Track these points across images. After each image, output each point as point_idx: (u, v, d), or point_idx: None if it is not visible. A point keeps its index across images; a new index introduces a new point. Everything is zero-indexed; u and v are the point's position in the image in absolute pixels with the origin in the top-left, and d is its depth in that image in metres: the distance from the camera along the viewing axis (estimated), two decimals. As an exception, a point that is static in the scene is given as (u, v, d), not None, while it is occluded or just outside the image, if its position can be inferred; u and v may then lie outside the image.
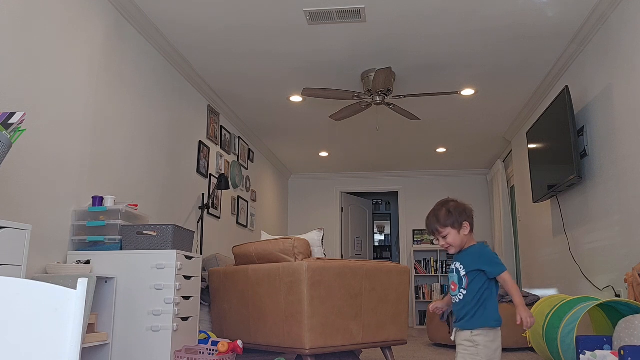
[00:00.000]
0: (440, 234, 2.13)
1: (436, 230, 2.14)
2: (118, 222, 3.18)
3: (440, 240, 2.15)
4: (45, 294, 0.85)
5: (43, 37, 2.94)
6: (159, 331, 2.98)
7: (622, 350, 2.49)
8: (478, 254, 2.12)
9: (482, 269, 2.06)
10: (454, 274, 2.15)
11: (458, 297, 2.10)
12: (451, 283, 2.16)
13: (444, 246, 2.16)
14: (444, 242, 2.14)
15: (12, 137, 2.15)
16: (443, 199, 2.22)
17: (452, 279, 2.16)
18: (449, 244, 2.12)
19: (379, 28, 4.15)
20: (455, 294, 2.11)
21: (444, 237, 2.13)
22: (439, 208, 2.17)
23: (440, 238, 2.14)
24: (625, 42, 3.59)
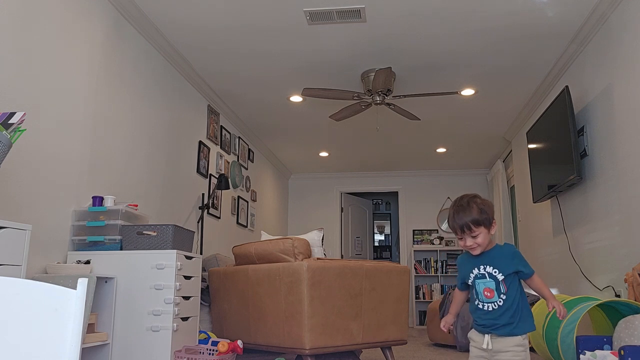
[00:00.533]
0: (472, 233, 1.93)
1: (468, 228, 1.92)
2: (118, 222, 3.18)
3: (468, 240, 1.94)
4: (45, 294, 0.85)
5: (43, 37, 2.94)
6: (159, 331, 2.98)
7: (622, 350, 2.49)
8: (512, 254, 1.97)
9: (520, 269, 1.94)
10: (489, 280, 1.95)
11: (496, 303, 1.93)
12: (485, 290, 1.95)
13: (471, 247, 1.95)
14: (473, 242, 1.93)
15: (12, 137, 2.15)
16: (466, 195, 2.02)
17: (488, 286, 1.96)
18: (478, 244, 1.93)
19: (379, 28, 4.15)
20: (493, 300, 1.94)
21: (474, 236, 1.93)
22: (468, 204, 1.96)
23: (469, 238, 1.94)
24: (625, 42, 3.59)
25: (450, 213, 1.99)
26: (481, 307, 1.97)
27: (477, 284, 1.97)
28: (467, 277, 2.02)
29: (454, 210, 1.98)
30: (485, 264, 1.97)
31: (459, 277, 2.09)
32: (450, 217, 1.98)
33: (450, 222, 1.99)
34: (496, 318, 1.93)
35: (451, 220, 1.98)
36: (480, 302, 1.97)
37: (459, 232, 1.95)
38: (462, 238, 1.96)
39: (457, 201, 2.00)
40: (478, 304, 1.98)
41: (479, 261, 1.98)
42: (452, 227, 1.99)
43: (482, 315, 1.97)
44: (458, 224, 1.95)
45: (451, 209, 1.99)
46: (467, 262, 2.02)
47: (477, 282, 1.97)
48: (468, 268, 2.01)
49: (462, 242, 1.97)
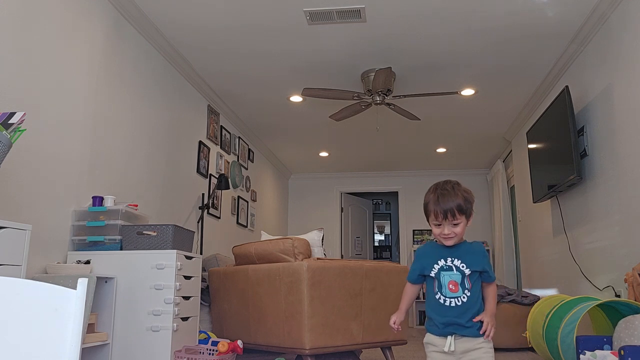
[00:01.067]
0: (454, 220, 1.83)
1: (452, 215, 1.82)
2: (118, 222, 3.18)
3: (446, 228, 1.84)
4: (45, 294, 0.85)
5: (43, 37, 2.94)
6: (159, 331, 2.98)
7: (622, 350, 2.49)
8: (482, 253, 1.92)
9: (486, 269, 1.88)
10: (456, 273, 1.86)
11: (460, 299, 1.83)
12: (450, 283, 1.86)
13: (447, 235, 1.84)
14: (451, 231, 1.84)
15: (12, 137, 2.15)
16: (450, 180, 1.92)
17: (453, 278, 1.86)
18: (456, 233, 1.85)
19: (379, 28, 4.15)
20: (457, 295, 1.84)
21: (455, 224, 1.84)
22: (454, 189, 1.86)
23: (449, 225, 1.83)
24: (625, 42, 3.59)
25: (432, 197, 1.87)
26: (442, 302, 1.85)
27: (442, 276, 1.86)
28: (428, 268, 1.90)
29: (439, 194, 1.86)
30: (454, 257, 1.88)
31: (416, 268, 1.95)
32: (433, 201, 1.85)
33: (433, 206, 1.85)
34: (458, 316, 1.83)
35: (434, 203, 1.85)
36: (443, 296, 1.85)
37: (440, 217, 1.83)
38: (439, 225, 1.85)
39: (440, 185, 1.89)
40: (440, 298, 1.86)
41: (447, 253, 1.89)
42: (433, 210, 1.85)
43: (443, 312, 1.84)
44: (442, 208, 1.83)
45: (433, 193, 1.88)
46: (432, 253, 1.92)
47: (443, 273, 1.86)
48: (432, 259, 1.90)
49: (437, 229, 1.86)
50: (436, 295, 1.87)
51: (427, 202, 1.89)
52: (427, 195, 1.91)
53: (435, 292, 1.87)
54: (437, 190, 1.88)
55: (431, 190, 1.90)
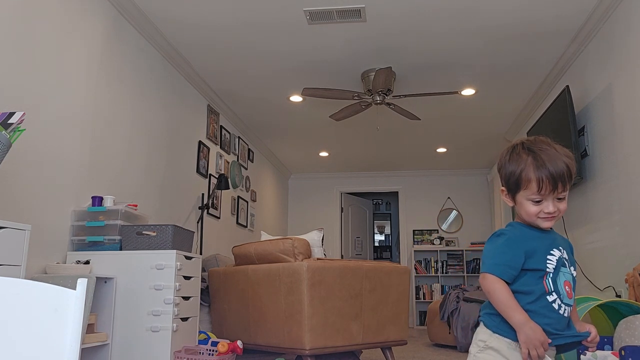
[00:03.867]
0: (562, 192, 1.32)
1: (563, 183, 1.31)
2: (117, 222, 3.18)
3: (551, 204, 1.32)
4: (45, 294, 0.84)
5: (42, 36, 2.94)
6: (158, 331, 2.98)
7: (622, 350, 2.49)
8: (570, 245, 1.45)
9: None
10: (568, 271, 1.35)
11: (570, 307, 1.36)
12: (566, 284, 1.34)
13: (552, 214, 1.33)
14: (556, 208, 1.33)
15: (12, 137, 2.15)
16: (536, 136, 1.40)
17: (568, 279, 1.35)
18: (561, 211, 1.34)
19: (379, 28, 4.15)
20: (571, 302, 1.35)
21: (561, 198, 1.33)
22: (556, 147, 1.34)
23: (554, 200, 1.32)
24: (626, 42, 3.59)
25: (529, 160, 1.32)
26: (557, 309, 1.32)
27: (559, 274, 1.33)
28: (539, 259, 1.33)
29: (540, 154, 1.32)
30: (560, 247, 1.37)
31: (514, 258, 1.32)
32: (533, 165, 1.31)
33: (533, 172, 1.31)
34: (564, 329, 1.35)
35: (535, 169, 1.31)
36: (559, 300, 1.33)
37: (546, 188, 1.30)
38: (539, 201, 1.32)
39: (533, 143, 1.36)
40: (554, 301, 1.32)
41: (553, 241, 1.37)
42: (536, 179, 1.30)
43: (555, 323, 1.32)
44: (550, 174, 1.29)
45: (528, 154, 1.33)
46: (538, 239, 1.35)
47: (562, 271, 1.34)
48: (543, 247, 1.34)
49: (535, 207, 1.32)
50: (549, 297, 1.33)
51: (519, 169, 1.33)
52: (515, 160, 1.36)
53: (549, 292, 1.33)
54: (534, 149, 1.34)
55: (519, 153, 1.36)
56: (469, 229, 8.60)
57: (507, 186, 1.38)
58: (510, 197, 1.38)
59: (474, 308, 4.97)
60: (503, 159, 1.40)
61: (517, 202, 1.37)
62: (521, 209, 1.36)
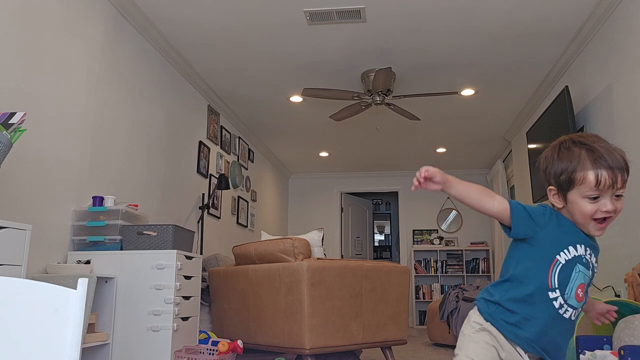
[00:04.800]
0: (620, 190, 1.22)
1: (623, 177, 1.21)
2: (118, 222, 3.18)
3: (609, 203, 1.21)
4: (46, 294, 0.85)
5: (43, 36, 2.94)
6: (159, 331, 2.98)
7: (622, 350, 2.49)
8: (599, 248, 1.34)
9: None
10: (588, 273, 1.28)
11: (576, 313, 1.28)
12: (579, 287, 1.27)
13: (608, 213, 1.22)
14: (613, 207, 1.21)
15: (12, 137, 2.15)
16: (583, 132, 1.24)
17: (584, 281, 1.28)
18: (617, 212, 1.23)
19: (379, 28, 4.15)
20: (578, 306, 1.28)
21: (618, 196, 1.23)
22: (608, 142, 1.25)
23: (611, 199, 1.22)
24: (625, 42, 3.59)
25: (585, 153, 1.23)
26: (557, 307, 1.24)
27: (576, 270, 1.25)
28: (562, 242, 1.25)
29: (596, 147, 1.22)
30: (592, 250, 1.28)
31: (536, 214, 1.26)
32: (590, 159, 1.21)
33: (591, 167, 1.20)
34: (563, 334, 1.28)
35: (592, 162, 1.20)
36: (563, 299, 1.25)
37: (605, 183, 1.19)
38: (596, 198, 1.20)
39: (586, 137, 1.27)
40: (556, 299, 1.24)
41: (586, 239, 1.27)
42: (595, 174, 1.20)
43: (551, 323, 1.25)
44: (609, 167, 1.19)
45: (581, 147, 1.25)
46: (572, 229, 1.27)
47: (578, 267, 1.25)
48: (570, 236, 1.26)
49: (592, 206, 1.21)
50: (550, 293, 1.24)
51: (572, 165, 1.23)
52: (566, 155, 1.26)
53: (551, 288, 1.24)
54: (586, 142, 1.24)
55: (570, 147, 1.27)
56: (469, 229, 8.60)
57: (558, 185, 1.26)
58: (562, 196, 1.26)
59: (473, 308, 4.96)
60: (550, 156, 1.31)
61: (569, 202, 1.24)
62: (574, 209, 1.23)
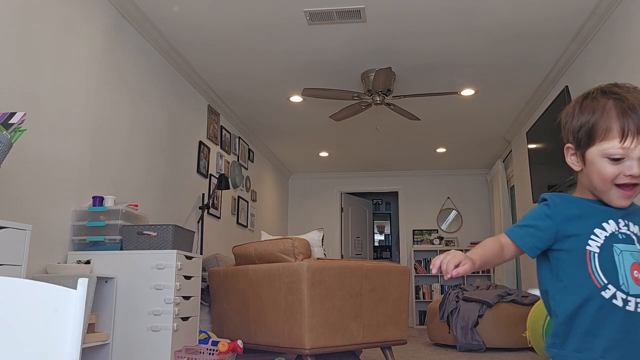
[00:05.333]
0: None
1: None
2: (118, 222, 3.18)
3: (637, 165, 1.01)
4: (46, 294, 0.85)
5: (43, 37, 2.94)
6: (159, 331, 2.98)
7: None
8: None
9: None
10: (635, 245, 1.02)
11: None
12: (635, 267, 1.00)
13: (637, 178, 1.01)
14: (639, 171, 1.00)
15: (13, 137, 2.15)
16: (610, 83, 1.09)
17: (634, 259, 1.01)
18: None
19: (379, 28, 4.15)
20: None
21: None
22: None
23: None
24: (626, 42, 3.59)
25: (611, 103, 1.04)
26: (622, 306, 0.98)
27: (618, 253, 1.01)
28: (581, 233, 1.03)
29: (623, 97, 1.04)
30: (627, 218, 1.05)
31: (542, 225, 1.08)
32: (627, 108, 1.02)
33: (617, 118, 1.02)
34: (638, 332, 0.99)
35: (618, 114, 1.02)
36: (623, 292, 0.99)
37: (632, 139, 1.00)
38: (621, 158, 1.02)
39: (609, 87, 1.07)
40: (615, 295, 0.99)
41: (613, 212, 1.05)
42: (620, 127, 1.02)
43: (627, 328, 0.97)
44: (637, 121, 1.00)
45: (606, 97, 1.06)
46: (587, 207, 1.07)
47: (618, 248, 1.01)
48: (592, 220, 1.05)
49: (615, 167, 1.02)
50: (602, 292, 0.99)
51: (595, 116, 1.05)
52: (589, 106, 1.07)
53: (601, 287, 1.00)
54: (616, 90, 1.05)
55: (596, 97, 1.07)
56: (469, 229, 8.60)
57: (576, 140, 1.08)
58: (580, 155, 1.08)
59: (473, 308, 4.97)
60: (572, 108, 1.12)
61: (587, 162, 1.05)
62: (592, 172, 1.04)
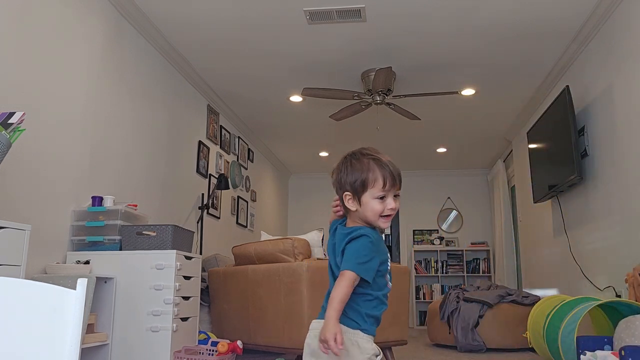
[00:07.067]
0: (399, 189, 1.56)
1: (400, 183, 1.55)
2: (117, 222, 3.17)
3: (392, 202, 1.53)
4: (45, 294, 0.84)
5: (43, 37, 2.94)
6: (158, 331, 2.98)
7: (622, 350, 2.48)
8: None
9: None
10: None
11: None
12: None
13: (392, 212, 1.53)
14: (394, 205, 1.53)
15: (12, 137, 2.15)
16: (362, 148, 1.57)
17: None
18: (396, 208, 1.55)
19: (379, 28, 4.15)
20: None
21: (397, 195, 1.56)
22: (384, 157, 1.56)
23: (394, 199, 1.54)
24: (626, 42, 3.58)
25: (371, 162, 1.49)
26: (386, 302, 1.53)
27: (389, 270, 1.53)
28: (386, 259, 1.50)
29: (381, 156, 1.52)
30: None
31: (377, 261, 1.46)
32: (383, 164, 1.49)
33: (379, 171, 1.47)
34: None
35: (380, 167, 1.48)
36: (387, 293, 1.53)
37: (391, 182, 1.48)
38: (384, 197, 1.47)
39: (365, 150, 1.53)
40: (386, 296, 1.53)
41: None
42: (382, 176, 1.47)
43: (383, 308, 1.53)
44: (395, 171, 1.50)
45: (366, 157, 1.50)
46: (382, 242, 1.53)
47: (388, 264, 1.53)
48: (384, 248, 1.52)
49: (381, 204, 1.47)
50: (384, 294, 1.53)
51: (363, 172, 1.48)
52: (357, 166, 1.50)
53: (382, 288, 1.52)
54: (371, 154, 1.51)
55: (359, 159, 1.51)
56: (469, 229, 8.60)
57: (353, 189, 1.49)
58: (357, 200, 1.49)
59: (473, 308, 4.96)
60: (343, 167, 1.53)
61: (362, 204, 1.48)
62: (367, 209, 1.48)
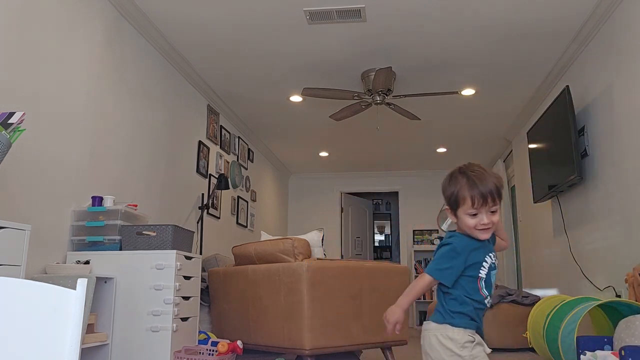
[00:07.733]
0: (493, 207, 1.61)
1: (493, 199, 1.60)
2: (117, 222, 3.17)
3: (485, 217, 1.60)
4: (45, 294, 0.84)
5: (43, 37, 2.94)
6: (158, 331, 2.97)
7: (622, 350, 2.48)
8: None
9: None
10: (494, 271, 1.68)
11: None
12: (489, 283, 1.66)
13: (486, 226, 1.62)
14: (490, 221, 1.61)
15: (12, 137, 2.15)
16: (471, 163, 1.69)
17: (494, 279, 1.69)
18: (494, 223, 1.63)
19: (379, 28, 4.14)
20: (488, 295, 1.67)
21: (493, 211, 1.62)
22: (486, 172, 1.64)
23: (487, 213, 1.61)
24: (626, 42, 3.58)
25: (464, 181, 1.60)
26: (486, 303, 1.63)
27: (492, 276, 1.64)
28: (477, 265, 1.61)
29: (472, 176, 1.59)
30: (491, 252, 1.66)
31: (458, 264, 1.60)
32: (467, 185, 1.58)
33: (467, 191, 1.57)
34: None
35: (468, 188, 1.58)
36: (487, 297, 1.63)
37: (478, 203, 1.57)
38: (476, 214, 1.58)
39: (468, 168, 1.63)
40: (486, 298, 1.63)
41: (488, 248, 1.66)
42: (469, 196, 1.57)
43: (481, 315, 1.64)
44: (481, 192, 1.56)
45: (462, 177, 1.61)
46: (479, 247, 1.63)
47: (492, 273, 1.64)
48: (482, 254, 1.63)
49: (473, 220, 1.59)
50: (481, 297, 1.63)
51: (456, 190, 1.61)
52: (454, 182, 1.63)
53: (476, 292, 1.62)
54: (467, 173, 1.62)
55: (456, 176, 1.64)
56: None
57: (449, 204, 1.66)
58: (453, 213, 1.65)
59: (474, 308, 4.96)
60: (445, 183, 1.68)
61: (458, 217, 1.64)
62: (461, 223, 1.63)
